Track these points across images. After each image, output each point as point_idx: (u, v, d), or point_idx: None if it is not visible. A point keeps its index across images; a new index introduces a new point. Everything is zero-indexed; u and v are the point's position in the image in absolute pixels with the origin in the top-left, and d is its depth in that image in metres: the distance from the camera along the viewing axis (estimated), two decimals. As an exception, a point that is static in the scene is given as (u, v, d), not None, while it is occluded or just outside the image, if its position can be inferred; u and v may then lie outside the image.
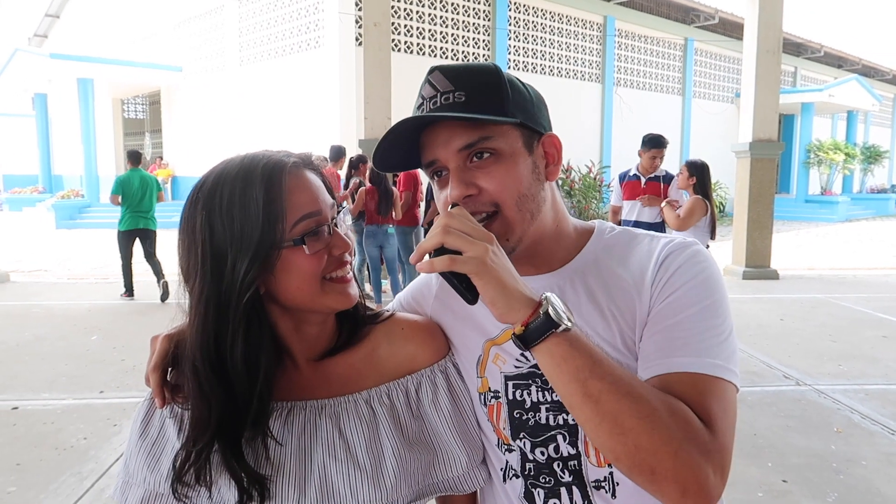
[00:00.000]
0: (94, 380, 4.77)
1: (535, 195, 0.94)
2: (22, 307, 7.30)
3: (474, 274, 0.77)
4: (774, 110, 9.56)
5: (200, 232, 0.85)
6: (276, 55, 15.96)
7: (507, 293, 0.78)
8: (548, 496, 0.97)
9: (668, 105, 20.89)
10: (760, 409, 4.30)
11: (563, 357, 0.77)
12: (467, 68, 0.93)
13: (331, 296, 0.89)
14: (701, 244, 0.95)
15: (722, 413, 0.80)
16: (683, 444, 0.74)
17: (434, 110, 0.91)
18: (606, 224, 1.04)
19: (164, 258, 7.73)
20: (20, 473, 3.34)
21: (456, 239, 0.78)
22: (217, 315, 0.85)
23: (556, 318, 0.77)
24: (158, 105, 20.84)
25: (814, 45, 23.96)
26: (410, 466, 0.95)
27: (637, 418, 0.74)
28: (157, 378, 0.91)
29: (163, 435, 0.93)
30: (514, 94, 0.93)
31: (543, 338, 0.77)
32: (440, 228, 0.79)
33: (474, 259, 0.77)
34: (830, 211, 21.56)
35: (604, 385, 0.76)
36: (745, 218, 9.51)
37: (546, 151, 0.97)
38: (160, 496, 0.93)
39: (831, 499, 3.14)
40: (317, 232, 0.87)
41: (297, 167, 0.89)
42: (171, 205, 18.64)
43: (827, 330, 6.47)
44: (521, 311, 0.78)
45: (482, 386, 1.00)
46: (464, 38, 16.32)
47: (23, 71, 19.67)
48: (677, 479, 0.73)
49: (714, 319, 0.87)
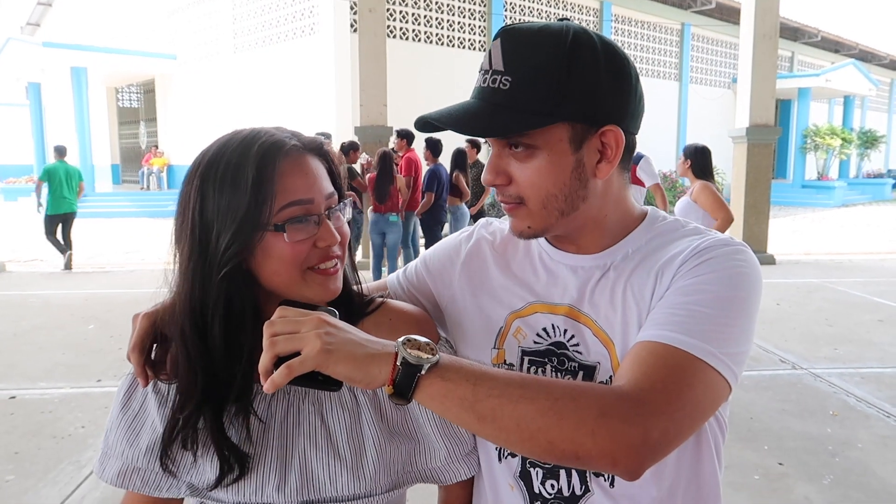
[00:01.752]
0: (92, 369, 4.77)
1: (569, 195, 0.88)
2: (19, 297, 7.28)
3: (319, 367, 0.73)
4: (771, 95, 9.54)
5: (193, 199, 0.85)
6: (271, 42, 15.86)
7: (360, 366, 0.74)
8: (546, 477, 0.96)
9: (665, 91, 20.83)
10: (757, 392, 4.32)
11: (442, 394, 0.74)
12: (530, 39, 0.85)
13: (311, 287, 0.87)
14: (743, 244, 0.89)
15: (675, 383, 0.76)
16: (599, 420, 0.72)
17: (481, 91, 0.87)
18: (659, 212, 1.00)
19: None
20: (18, 462, 3.34)
21: (284, 344, 0.74)
22: (201, 285, 0.85)
23: (417, 361, 0.73)
24: (153, 93, 20.72)
25: (811, 29, 23.86)
26: (391, 457, 0.94)
27: (540, 417, 0.72)
28: (138, 357, 0.91)
29: (144, 410, 0.93)
30: (573, 81, 0.83)
31: (414, 386, 0.74)
32: (266, 344, 0.75)
33: (310, 355, 0.72)
34: (827, 196, 21.57)
35: (493, 402, 0.73)
36: (742, 203, 9.52)
37: (603, 144, 0.88)
38: (137, 470, 0.93)
39: (827, 481, 3.16)
40: (302, 220, 0.84)
41: (296, 150, 0.86)
42: (166, 193, 18.69)
43: (823, 314, 6.50)
44: (381, 373, 0.74)
45: (497, 357, 0.99)
46: (459, 24, 16.23)
47: (16, 60, 19.51)
48: (602, 454, 0.72)
49: (727, 312, 0.81)
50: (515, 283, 1.01)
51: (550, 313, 0.96)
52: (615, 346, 0.91)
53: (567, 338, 0.95)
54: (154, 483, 0.94)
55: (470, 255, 1.08)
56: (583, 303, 0.94)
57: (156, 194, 18.90)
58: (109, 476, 0.95)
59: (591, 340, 0.93)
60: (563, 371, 0.95)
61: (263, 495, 0.90)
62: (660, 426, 0.73)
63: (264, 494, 0.90)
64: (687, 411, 0.76)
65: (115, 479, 0.94)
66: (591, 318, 0.93)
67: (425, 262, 1.13)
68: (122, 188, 21.56)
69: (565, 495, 0.95)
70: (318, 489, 0.91)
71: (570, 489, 0.95)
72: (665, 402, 0.74)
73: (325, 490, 0.91)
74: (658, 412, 0.74)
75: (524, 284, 1.01)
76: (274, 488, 0.90)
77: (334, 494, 0.92)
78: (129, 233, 13.94)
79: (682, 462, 0.93)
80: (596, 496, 0.94)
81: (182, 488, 0.94)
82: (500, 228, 1.10)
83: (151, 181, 19.61)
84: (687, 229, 0.96)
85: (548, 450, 0.73)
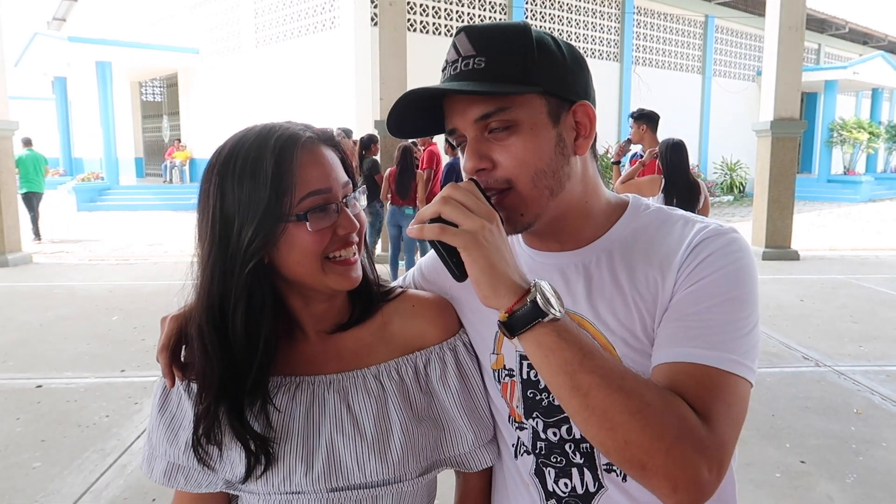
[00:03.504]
0: (116, 359, 4.84)
1: (556, 171, 0.88)
2: (45, 288, 7.42)
3: (463, 248, 0.74)
4: (797, 88, 9.38)
5: (213, 196, 0.87)
6: (292, 36, 15.92)
7: (493, 275, 0.75)
8: (559, 475, 0.96)
9: (687, 84, 20.58)
10: (779, 389, 4.27)
11: (551, 348, 0.74)
12: (492, 29, 0.87)
13: (330, 276, 0.89)
14: (734, 230, 0.88)
15: (725, 409, 0.77)
16: (676, 441, 0.71)
17: (454, 76, 0.87)
18: (641, 201, 0.98)
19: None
20: (45, 450, 3.41)
21: (453, 210, 0.75)
22: (222, 280, 0.86)
23: (545, 306, 0.74)
24: (176, 87, 20.92)
25: (838, 21, 23.42)
26: (418, 441, 0.95)
27: (628, 413, 0.72)
28: (165, 358, 0.93)
29: (180, 410, 0.95)
30: (541, 58, 0.86)
31: (529, 327, 0.74)
32: (440, 198, 0.76)
33: (466, 233, 0.74)
34: (853, 191, 21.18)
35: (593, 379, 0.73)
36: (766, 198, 9.38)
37: (577, 122, 0.90)
38: (180, 468, 0.96)
39: (850, 480, 3.12)
40: (323, 209, 0.87)
41: (311, 142, 0.88)
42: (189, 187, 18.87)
43: (848, 311, 6.39)
44: (505, 296, 0.75)
45: (497, 362, 0.99)
46: (480, 17, 16.15)
47: (42, 55, 19.80)
48: (668, 476, 0.71)
49: (738, 313, 0.82)
50: None
51: None
52: (609, 342, 0.90)
53: None
54: (195, 480, 0.96)
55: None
56: (577, 305, 0.92)
57: (178, 187, 19.11)
58: (157, 475, 0.97)
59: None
60: None
61: (292, 484, 0.91)
62: (719, 459, 0.74)
63: (293, 483, 0.91)
64: (735, 433, 0.77)
65: (161, 478, 0.97)
66: (586, 320, 0.92)
67: (421, 271, 1.13)
68: (145, 181, 21.82)
69: (579, 493, 0.95)
70: (346, 475, 0.92)
71: (584, 487, 0.95)
72: (724, 435, 0.75)
73: (353, 476, 0.92)
74: (723, 448, 0.74)
75: None
76: (301, 475, 0.91)
77: (363, 481, 0.92)
78: (152, 225, 14.13)
79: None
80: (610, 492, 0.93)
81: (219, 483, 0.96)
82: None
83: (174, 174, 19.82)
84: (673, 217, 0.94)
85: (621, 448, 0.73)
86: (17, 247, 9.01)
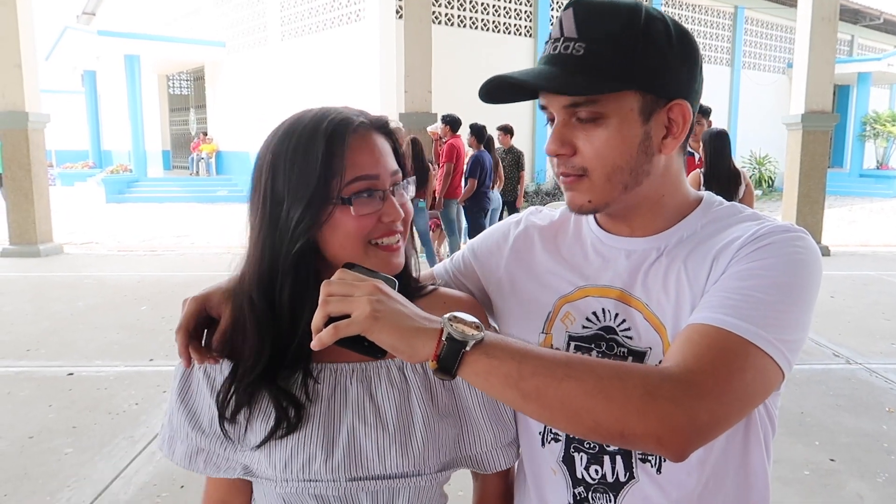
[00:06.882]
0: (145, 348, 4.92)
1: (635, 168, 0.87)
2: (75, 278, 7.55)
3: (365, 332, 0.74)
4: (829, 80, 9.19)
5: (265, 173, 0.89)
6: (317, 29, 15.98)
7: (404, 337, 0.74)
8: (590, 462, 0.95)
9: (716, 76, 20.25)
10: (809, 387, 4.20)
11: (487, 370, 0.74)
12: (601, 8, 0.85)
13: (372, 261, 0.89)
14: (804, 231, 0.86)
15: (724, 366, 0.74)
16: (645, 401, 0.71)
17: (551, 58, 0.86)
18: (715, 197, 0.98)
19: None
20: (76, 436, 3.48)
21: (337, 305, 0.75)
22: (272, 257, 0.88)
23: (462, 336, 0.73)
24: (203, 81, 21.14)
25: (873, 11, 22.90)
26: (439, 436, 0.95)
27: (586, 396, 0.71)
28: (182, 338, 0.94)
29: (199, 392, 0.96)
30: (646, 51, 0.83)
31: (459, 362, 0.74)
32: (321, 302, 0.76)
33: (358, 319, 0.73)
34: (887, 186, 20.71)
35: (538, 380, 0.72)
36: (796, 193, 9.21)
37: (671, 119, 0.88)
38: (201, 451, 0.96)
39: (881, 479, 3.06)
40: (369, 194, 0.88)
41: (364, 127, 0.89)
42: (215, 179, 19.09)
43: (880, 308, 6.27)
44: (425, 346, 0.74)
45: (544, 342, 0.99)
46: (506, 10, 16.06)
47: (72, 48, 20.13)
48: (648, 434, 0.71)
49: (783, 300, 0.79)
50: (565, 268, 1.00)
51: (601, 297, 0.95)
52: (667, 331, 0.89)
53: (617, 322, 0.93)
54: (215, 463, 0.97)
55: (518, 240, 1.08)
56: (634, 286, 0.93)
57: (205, 180, 19.33)
58: (178, 458, 0.98)
59: (642, 325, 0.91)
60: (611, 357, 0.93)
61: (311, 471, 0.91)
62: (708, 409, 0.72)
63: (311, 470, 0.91)
64: (737, 395, 0.75)
65: (182, 460, 0.98)
66: (642, 303, 0.92)
67: (473, 248, 1.13)
68: (172, 174, 22.11)
69: (609, 481, 0.94)
70: (366, 465, 0.92)
71: (615, 475, 0.94)
72: (714, 385, 0.73)
73: (374, 466, 0.92)
74: (706, 394, 0.72)
75: (574, 269, 0.99)
76: (321, 462, 0.91)
77: (382, 472, 0.92)
78: (179, 217, 14.30)
79: (729, 451, 0.91)
80: (641, 483, 0.92)
81: (237, 469, 0.96)
82: (549, 215, 1.10)
83: (200, 167, 20.06)
84: (744, 214, 0.94)
85: (593, 429, 0.73)
86: (49, 237, 9.18)
